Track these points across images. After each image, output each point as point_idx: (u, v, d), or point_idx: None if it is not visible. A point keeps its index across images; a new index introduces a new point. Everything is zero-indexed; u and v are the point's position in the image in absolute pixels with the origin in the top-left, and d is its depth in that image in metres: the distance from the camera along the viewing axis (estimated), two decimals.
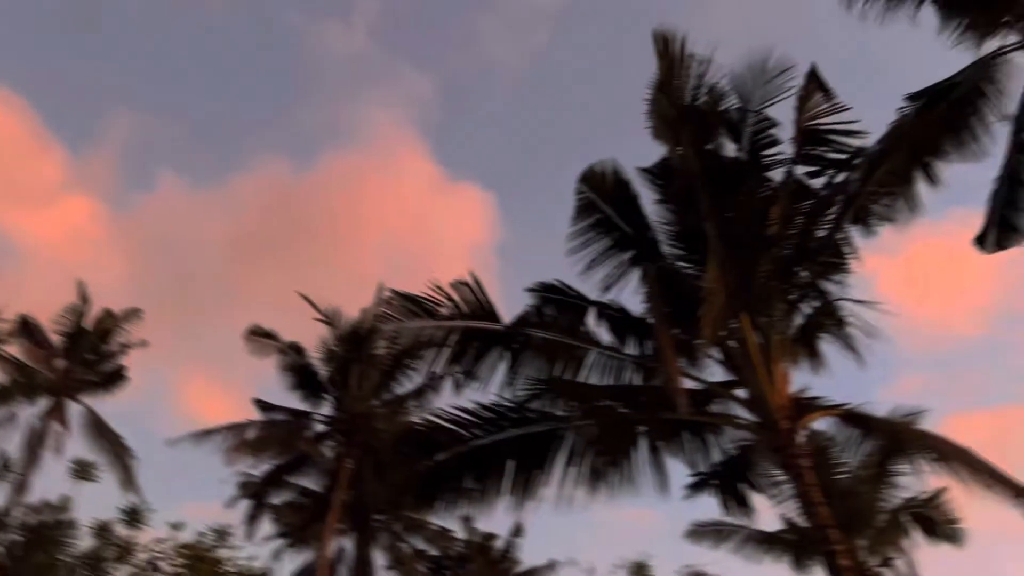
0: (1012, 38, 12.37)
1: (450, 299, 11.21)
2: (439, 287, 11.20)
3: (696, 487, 12.60)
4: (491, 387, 11.40)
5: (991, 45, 12.67)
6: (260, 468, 23.25)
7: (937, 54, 13.22)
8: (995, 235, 12.67)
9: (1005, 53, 12.41)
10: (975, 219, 12.84)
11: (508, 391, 11.36)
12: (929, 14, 12.98)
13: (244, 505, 23.45)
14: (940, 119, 12.28)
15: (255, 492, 23.33)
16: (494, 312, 11.34)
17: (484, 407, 11.27)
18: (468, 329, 11.22)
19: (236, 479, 23.22)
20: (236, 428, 22.64)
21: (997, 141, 12.44)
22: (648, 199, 12.00)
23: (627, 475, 11.52)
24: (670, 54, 10.87)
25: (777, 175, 11.27)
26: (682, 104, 11.01)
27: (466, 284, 11.30)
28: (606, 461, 11.45)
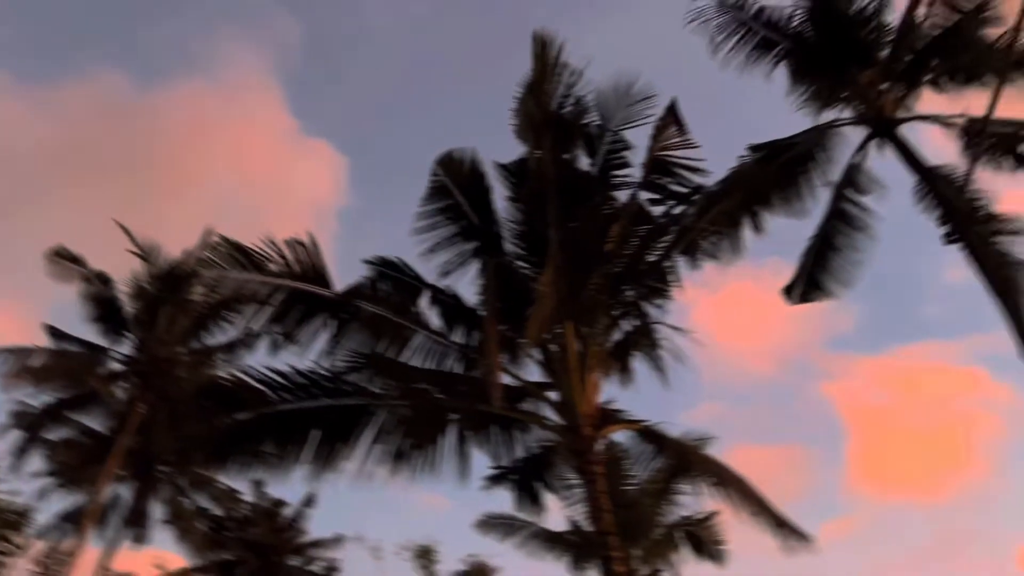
0: (847, 113, 13.62)
1: (282, 256, 10.82)
2: (272, 242, 10.78)
3: (495, 479, 12.90)
4: (309, 353, 11.13)
5: (828, 115, 13.90)
6: (40, 399, 21.45)
7: (784, 112, 14.30)
8: (801, 289, 13.92)
9: (839, 125, 13.64)
10: (787, 270, 14.07)
11: (326, 360, 11.14)
12: (783, 75, 14.05)
13: (15, 436, 21.51)
14: (774, 173, 13.31)
15: (30, 424, 21.47)
16: (326, 278, 11.06)
17: (298, 372, 10.98)
18: (296, 290, 10.88)
19: (10, 406, 21.26)
20: (20, 352, 20.74)
21: (818, 203, 13.68)
22: (500, 195, 12.16)
23: (431, 460, 11.62)
24: (546, 58, 11.06)
25: (623, 195, 11.75)
26: (548, 109, 11.23)
27: (301, 244, 10.95)
28: (413, 444, 11.48)
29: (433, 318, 11.82)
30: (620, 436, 13.37)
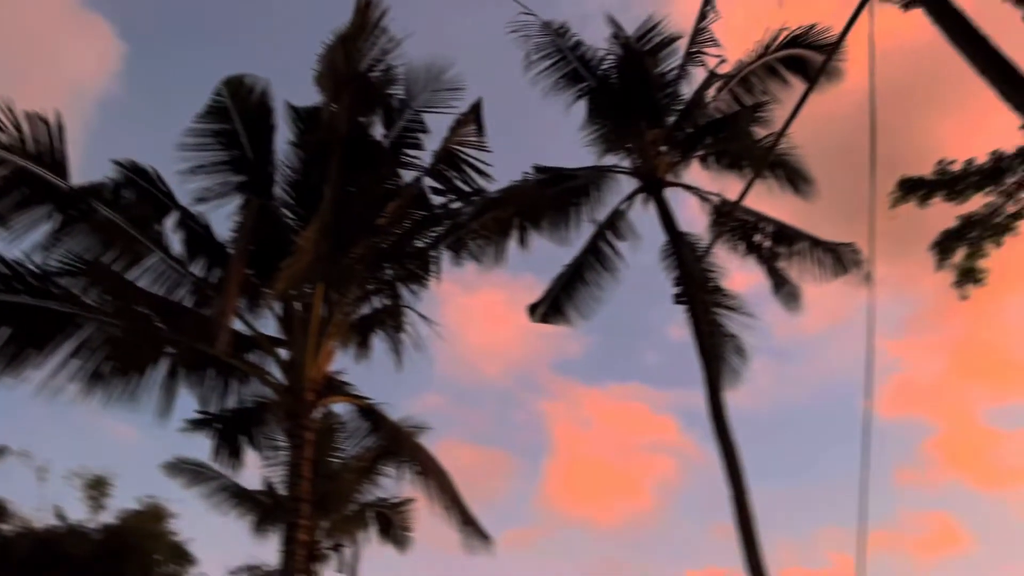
0: (626, 163, 14.64)
1: (18, 128, 9.51)
2: (11, 110, 9.44)
3: (198, 424, 12.28)
4: (20, 242, 9.89)
5: (610, 160, 14.86)
6: None
7: (573, 145, 15.09)
8: (544, 310, 14.70)
9: (616, 172, 14.63)
10: (537, 290, 14.83)
11: (39, 255, 9.96)
12: (581, 109, 14.81)
13: None
14: (551, 198, 13.97)
15: None
16: (63, 166, 9.89)
17: (2, 259, 9.73)
18: (23, 170, 9.62)
19: None
20: None
21: (580, 236, 14.56)
22: (284, 137, 11.59)
23: (133, 388, 10.80)
24: (367, 15, 10.72)
25: (408, 176, 11.71)
26: (356, 67, 10.89)
27: (44, 121, 9.69)
28: (116, 367, 10.59)
29: (175, 242, 11.01)
30: (339, 408, 13.30)
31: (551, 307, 14.63)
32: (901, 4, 9.89)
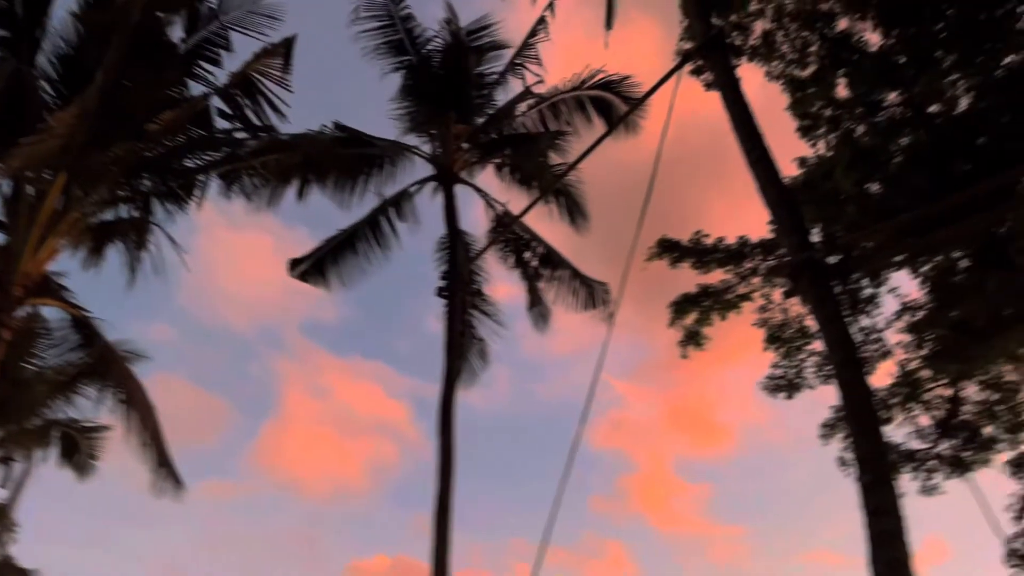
0: (426, 148, 14.67)
1: None
2: None
3: None
4: None
5: (411, 139, 14.82)
6: None
7: (382, 113, 14.84)
8: (306, 268, 14.29)
9: (414, 153, 14.60)
10: (306, 246, 14.41)
11: None
12: (396, 81, 14.64)
13: None
14: (344, 158, 13.64)
15: None
16: None
17: None
18: None
19: None
20: None
21: (362, 205, 14.35)
22: (64, 5, 10.34)
23: None
24: None
25: (196, 89, 10.91)
26: None
27: None
28: None
29: None
30: (50, 312, 12.04)
31: (314, 267, 14.26)
32: (704, 83, 10.85)
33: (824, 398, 12.38)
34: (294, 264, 14.29)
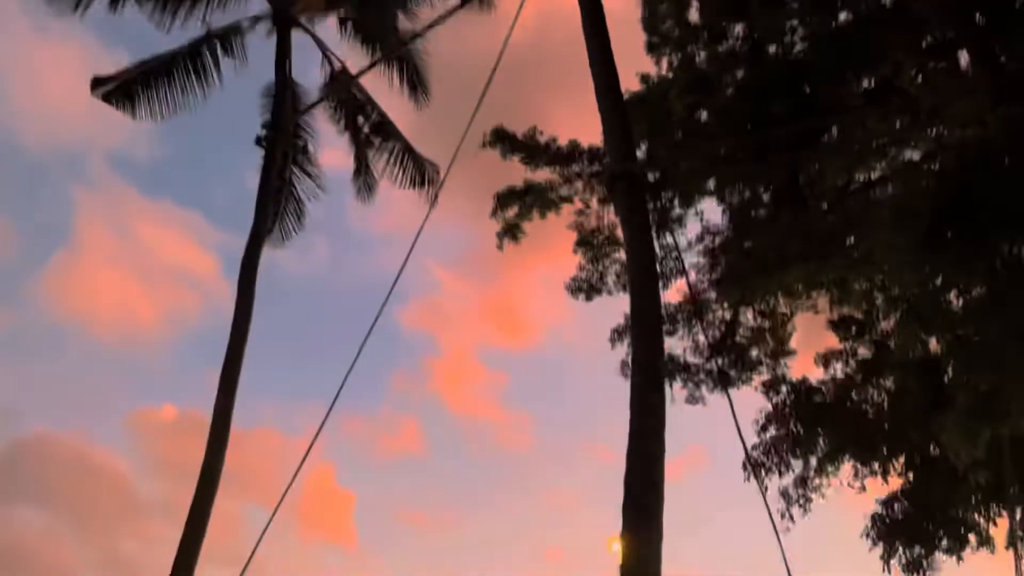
0: None
1: None
2: None
3: None
4: None
5: None
6: None
7: None
8: (112, 89, 12.97)
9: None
10: (119, 64, 12.99)
11: None
12: None
13: None
14: None
15: None
16: None
17: None
18: None
19: None
20: None
21: (186, 32, 13.04)
22: None
23: None
24: None
25: None
26: None
27: None
28: None
29: None
30: None
31: (121, 89, 12.94)
32: None
33: (621, 307, 13.06)
34: (98, 82, 12.89)
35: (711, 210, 11.86)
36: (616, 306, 12.94)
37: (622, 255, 12.16)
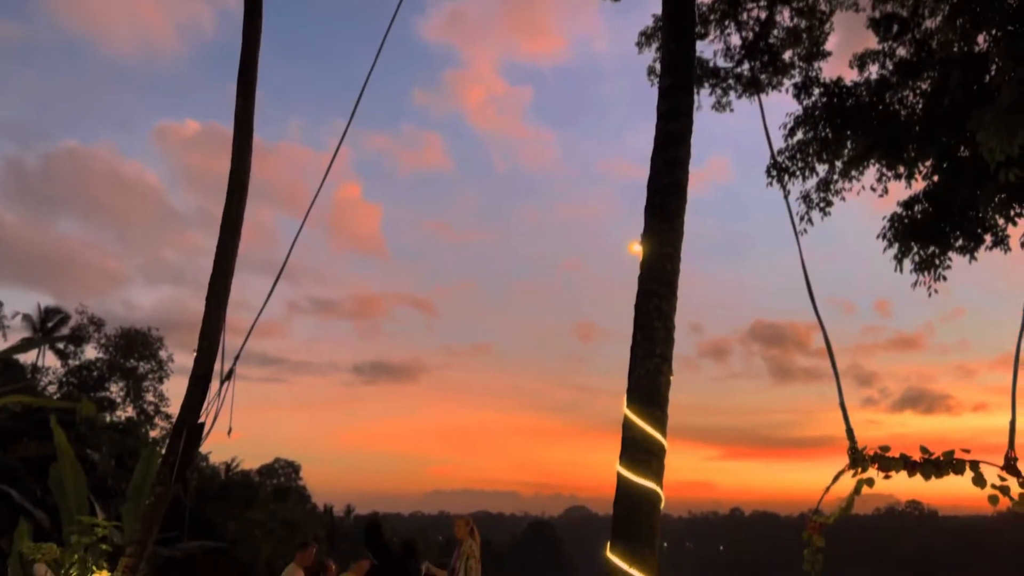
0: None
1: None
2: None
3: None
4: None
5: None
6: None
7: None
8: None
9: None
10: None
11: None
12: None
13: None
14: None
15: None
16: None
17: None
18: None
19: None
20: None
21: None
22: None
23: None
24: None
25: None
26: None
27: None
28: None
29: None
30: None
31: None
32: None
33: (650, 11, 12.27)
34: None
35: None
36: (645, 12, 12.19)
37: None
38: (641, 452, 7.14)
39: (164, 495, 8.32)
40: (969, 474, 6.37)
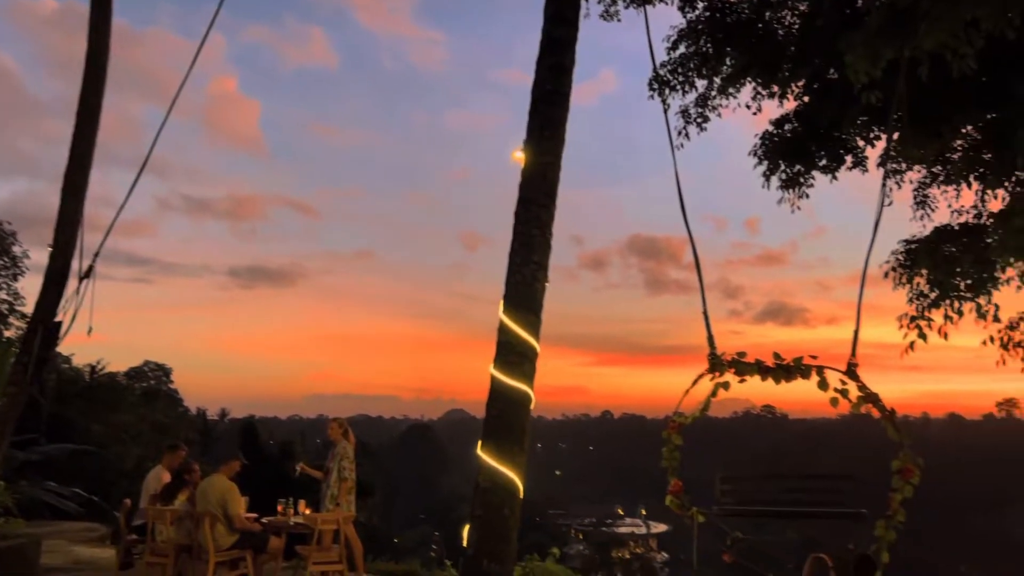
0: None
1: None
2: None
3: None
4: None
5: None
6: None
7: None
8: None
9: None
10: None
11: None
12: None
13: None
14: None
15: None
16: None
17: None
18: None
19: None
20: None
21: None
22: None
23: None
24: None
25: None
26: None
27: None
28: None
29: None
30: None
31: None
32: None
33: None
34: None
35: None
36: None
37: None
38: (514, 355, 7.32)
39: (18, 396, 7.94)
40: (815, 379, 6.90)
